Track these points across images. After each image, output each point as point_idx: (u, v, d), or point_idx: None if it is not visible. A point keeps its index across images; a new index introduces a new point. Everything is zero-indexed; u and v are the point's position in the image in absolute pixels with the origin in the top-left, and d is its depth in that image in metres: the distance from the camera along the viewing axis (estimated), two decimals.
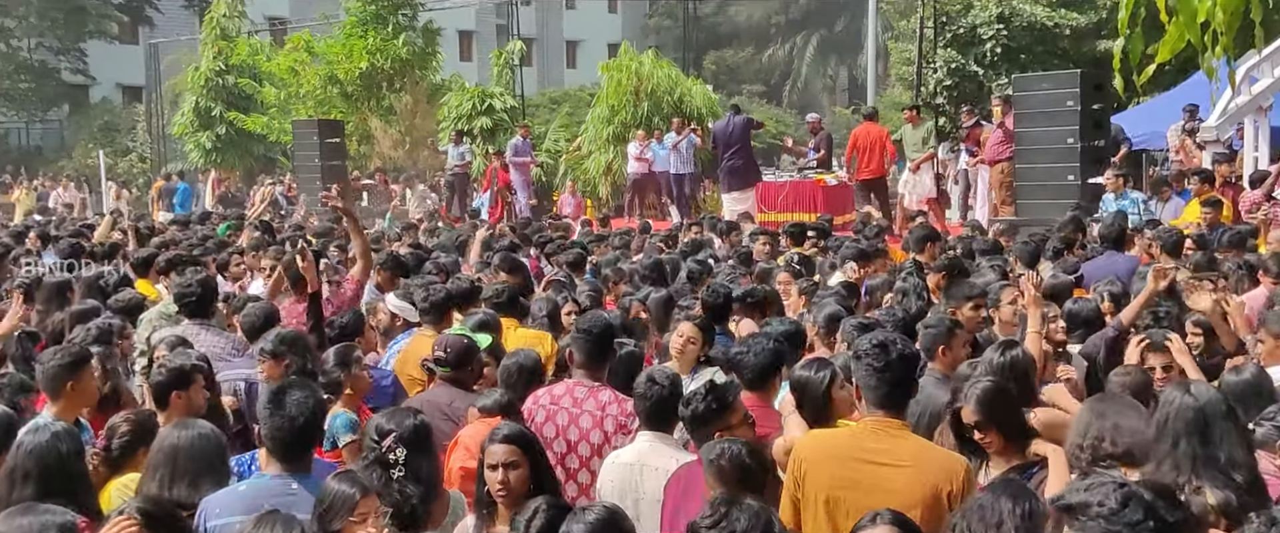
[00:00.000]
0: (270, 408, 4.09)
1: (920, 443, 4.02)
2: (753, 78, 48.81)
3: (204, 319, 6.67)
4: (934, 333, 5.52)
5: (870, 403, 3.97)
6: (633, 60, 22.41)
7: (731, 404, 4.29)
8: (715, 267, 9.37)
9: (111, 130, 36.74)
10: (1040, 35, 22.01)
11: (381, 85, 26.32)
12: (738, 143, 17.05)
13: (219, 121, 29.16)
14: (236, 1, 30.03)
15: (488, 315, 6.48)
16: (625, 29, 51.41)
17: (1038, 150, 13.65)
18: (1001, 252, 9.63)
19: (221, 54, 29.30)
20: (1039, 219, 12.17)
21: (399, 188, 22.70)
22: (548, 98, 33.89)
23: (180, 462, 4.06)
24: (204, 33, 30.54)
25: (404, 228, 14.45)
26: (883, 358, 3.93)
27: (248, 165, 30.10)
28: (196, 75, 29.67)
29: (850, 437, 4.06)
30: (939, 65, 21.77)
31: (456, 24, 44.46)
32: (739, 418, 4.26)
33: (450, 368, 5.47)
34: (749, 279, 8.59)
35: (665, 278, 8.89)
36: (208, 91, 29.37)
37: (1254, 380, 4.67)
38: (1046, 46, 21.97)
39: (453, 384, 5.46)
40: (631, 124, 21.23)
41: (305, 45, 27.17)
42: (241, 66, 29.26)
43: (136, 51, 40.98)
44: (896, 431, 3.92)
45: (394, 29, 26.34)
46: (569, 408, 5.04)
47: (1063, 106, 13.42)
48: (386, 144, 25.55)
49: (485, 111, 24.71)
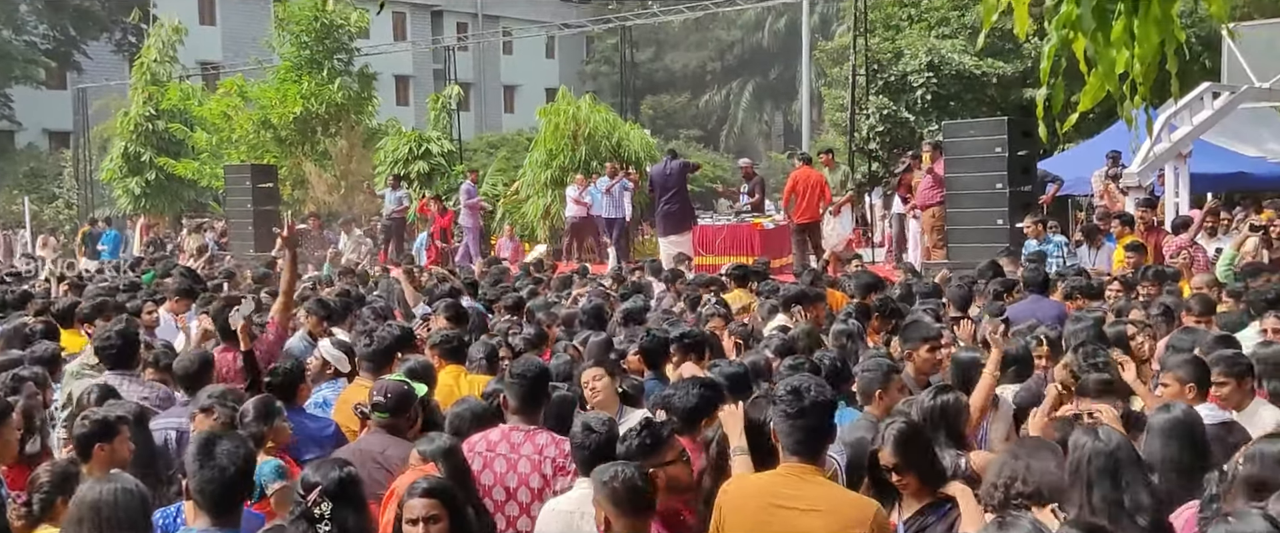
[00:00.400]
0: (200, 459, 4.00)
1: (833, 488, 4.04)
2: (690, 123, 49.26)
3: (126, 370, 6.53)
4: (870, 377, 5.54)
5: (785, 449, 4.00)
6: (570, 105, 22.48)
7: (666, 441, 4.28)
8: (651, 309, 9.39)
9: (37, 176, 36.31)
10: (968, 83, 22.49)
11: (316, 130, 26.13)
12: (674, 187, 17.18)
13: (149, 167, 28.77)
14: (168, 46, 29.72)
15: (420, 364, 6.39)
16: (563, 74, 51.61)
17: (967, 195, 13.89)
18: (940, 295, 9.76)
19: (152, 99, 28.94)
20: (970, 262, 12.36)
21: (334, 233, 22.50)
22: (485, 142, 33.86)
23: (102, 516, 3.95)
24: (134, 77, 30.16)
25: (340, 273, 14.31)
26: (796, 404, 3.96)
27: (178, 211, 29.68)
28: (126, 120, 29.28)
29: (766, 483, 4.06)
30: (871, 111, 22.12)
31: (393, 68, 44.39)
32: (675, 455, 4.25)
33: (388, 414, 5.37)
34: (693, 321, 8.60)
35: (604, 322, 8.90)
36: (137, 136, 28.99)
37: (1185, 419, 4.73)
38: (974, 94, 22.45)
39: (388, 431, 5.35)
40: (569, 168, 21.28)
41: (238, 90, 26.91)
42: (172, 111, 28.87)
43: (64, 96, 40.55)
44: (810, 476, 3.95)
45: (329, 73, 26.23)
46: (506, 454, 4.98)
47: (991, 153, 13.68)
48: (321, 189, 25.31)
49: (422, 156, 24.63)
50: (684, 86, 51.85)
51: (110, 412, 4.98)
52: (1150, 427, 4.64)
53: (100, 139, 34.04)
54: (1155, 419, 4.63)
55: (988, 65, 22.36)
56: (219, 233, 23.08)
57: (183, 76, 31.30)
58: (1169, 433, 4.48)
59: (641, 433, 4.25)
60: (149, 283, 12.81)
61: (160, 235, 25.89)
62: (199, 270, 14.64)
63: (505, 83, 54.45)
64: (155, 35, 29.98)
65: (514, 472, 4.93)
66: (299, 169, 25.67)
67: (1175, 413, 4.60)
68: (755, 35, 50.54)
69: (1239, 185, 17.97)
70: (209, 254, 19.44)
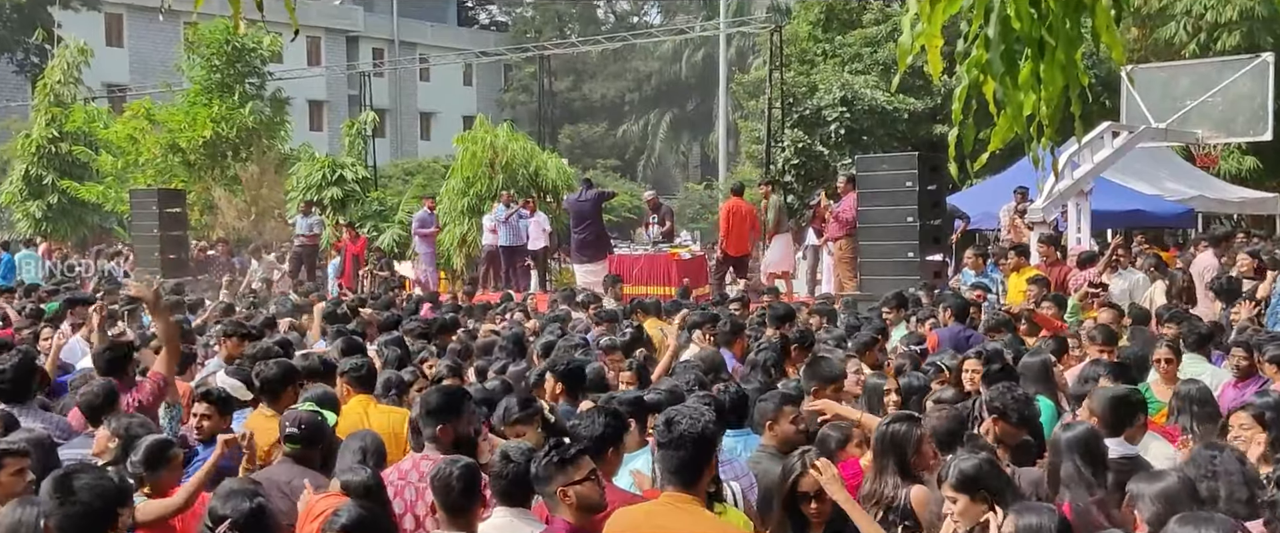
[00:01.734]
0: (59, 496, 3.89)
1: (705, 518, 4.02)
2: (608, 152, 49.38)
3: (21, 403, 6.35)
4: (763, 407, 5.62)
5: (663, 478, 4.03)
6: (488, 133, 22.38)
7: (574, 461, 4.26)
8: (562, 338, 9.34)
9: None
10: (881, 118, 22.91)
11: (226, 154, 25.76)
12: (589, 216, 17.27)
13: (51, 190, 27.98)
14: (72, 67, 28.97)
15: (326, 393, 6.28)
16: (480, 102, 51.48)
17: (879, 228, 14.11)
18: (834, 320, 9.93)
19: (55, 121, 28.21)
20: (881, 294, 12.55)
21: (244, 259, 22.09)
22: (401, 169, 33.59)
23: None
24: (36, 98, 29.34)
25: (252, 303, 14.06)
26: (666, 434, 4.00)
27: (82, 236, 28.87)
28: (27, 142, 28.49)
29: (646, 513, 4.06)
30: (786, 144, 22.42)
31: (307, 93, 43.82)
32: (584, 474, 4.23)
33: (300, 445, 5.31)
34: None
35: (524, 350, 8.86)
36: (39, 159, 28.20)
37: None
38: (886, 129, 22.86)
39: (297, 461, 5.27)
40: (486, 196, 21.16)
41: (146, 113, 26.46)
42: (76, 134, 28.24)
43: None
44: (687, 505, 3.95)
45: (241, 97, 25.89)
46: (415, 482, 4.93)
47: (902, 187, 13.92)
48: (231, 214, 24.94)
49: (336, 182, 24.29)
50: (602, 116, 52.03)
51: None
52: (1053, 441, 4.85)
53: (0, 161, 33.04)
54: (1061, 435, 4.83)
55: (899, 101, 22.80)
56: (124, 257, 22.51)
57: (88, 98, 30.60)
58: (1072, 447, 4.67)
59: (550, 453, 4.25)
60: (51, 313, 12.32)
61: (61, 259, 25.08)
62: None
63: (422, 110, 54.12)
64: (60, 56, 29.29)
65: (422, 500, 4.87)
66: (208, 194, 25.27)
67: (1079, 430, 4.81)
68: (673, 67, 50.96)
69: (1136, 222, 18.50)
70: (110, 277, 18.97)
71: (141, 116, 26.40)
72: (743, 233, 16.27)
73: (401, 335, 9.21)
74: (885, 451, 4.78)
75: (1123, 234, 16.47)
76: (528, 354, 8.77)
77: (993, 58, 2.20)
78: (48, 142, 28.17)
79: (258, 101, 26.28)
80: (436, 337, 9.75)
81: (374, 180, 26.01)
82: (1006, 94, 2.27)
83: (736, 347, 8.71)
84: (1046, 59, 2.21)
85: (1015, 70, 2.25)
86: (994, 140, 2.43)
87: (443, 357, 8.42)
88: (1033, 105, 2.31)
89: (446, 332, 10.18)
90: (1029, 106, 2.30)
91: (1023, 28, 2.16)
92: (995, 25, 2.17)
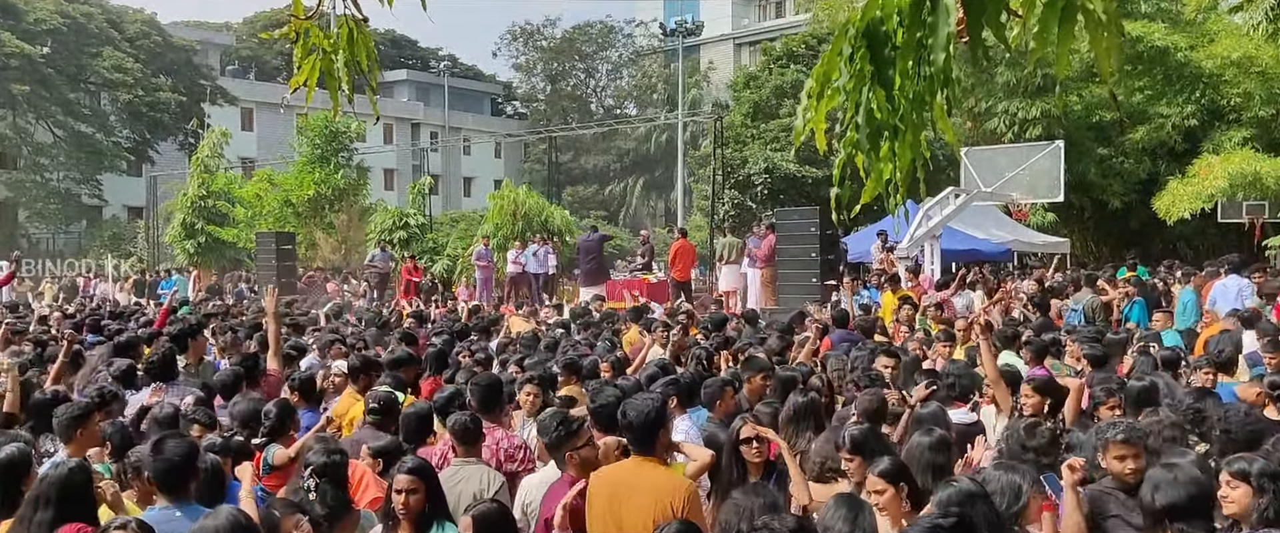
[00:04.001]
0: (152, 454, 3.76)
1: (659, 472, 3.86)
2: (598, 206, 49.30)
3: (168, 380, 6.35)
4: (710, 391, 5.56)
5: (632, 447, 3.92)
6: (512, 192, 22.41)
7: (578, 430, 4.20)
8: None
9: (118, 240, 35.29)
10: (793, 182, 23.05)
11: (324, 207, 25.66)
12: (593, 252, 17.52)
13: (200, 233, 27.73)
14: (217, 146, 28.87)
15: (399, 379, 6.18)
16: (507, 169, 51.43)
17: (791, 260, 14.10)
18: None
19: (204, 184, 28.02)
20: (792, 308, 12.53)
21: (335, 283, 21.92)
22: (449, 218, 33.43)
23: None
24: (192, 168, 29.14)
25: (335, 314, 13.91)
26: (623, 418, 3.91)
27: (221, 266, 28.62)
28: (185, 199, 28.26)
29: (618, 471, 3.94)
30: (726, 201, 22.51)
31: (382, 163, 43.81)
32: (584, 441, 4.17)
33: (379, 415, 5.25)
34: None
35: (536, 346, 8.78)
36: (192, 210, 27.97)
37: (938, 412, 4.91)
38: (797, 190, 22.99)
39: (376, 428, 5.20)
40: (511, 237, 21.13)
41: (267, 177, 26.47)
42: (219, 192, 28.03)
43: (139, 181, 39.60)
44: (645, 464, 3.83)
45: (335, 166, 25.87)
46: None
47: (808, 231, 13.92)
48: (327, 250, 24.84)
49: (402, 227, 24.31)
50: (593, 180, 52.02)
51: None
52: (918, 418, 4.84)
53: (165, 213, 32.88)
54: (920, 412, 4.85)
55: (807, 170, 22.94)
56: (249, 281, 22.28)
57: (227, 168, 30.44)
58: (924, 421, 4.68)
59: (558, 426, 4.20)
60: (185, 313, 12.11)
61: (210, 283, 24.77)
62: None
63: (465, 175, 53.99)
64: (208, 138, 29.12)
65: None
66: (311, 236, 25.15)
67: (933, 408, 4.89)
68: (645, 145, 51.01)
69: (973, 257, 18.46)
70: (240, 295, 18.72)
71: (264, 180, 26.49)
72: (686, 264, 16.33)
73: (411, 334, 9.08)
74: (802, 419, 4.83)
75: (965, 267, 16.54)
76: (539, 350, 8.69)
77: (861, 138, 2.22)
78: (199, 198, 27.94)
79: (347, 169, 26.20)
80: (479, 335, 9.68)
81: (429, 226, 25.96)
82: (871, 164, 2.29)
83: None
84: (899, 140, 2.23)
85: (877, 147, 2.27)
86: (863, 197, 2.44)
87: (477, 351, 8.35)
88: (890, 172, 2.33)
89: (485, 333, 10.08)
90: (887, 173, 2.32)
91: (882, 117, 2.17)
92: (862, 115, 2.19)
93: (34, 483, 3.63)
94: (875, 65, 2.11)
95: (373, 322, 11.80)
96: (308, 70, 2.84)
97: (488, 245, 20.58)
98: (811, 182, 22.99)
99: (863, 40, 2.12)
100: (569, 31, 53.36)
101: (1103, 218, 23.26)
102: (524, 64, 54.44)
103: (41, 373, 6.87)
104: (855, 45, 2.13)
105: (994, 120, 22.06)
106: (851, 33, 2.15)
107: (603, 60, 54.77)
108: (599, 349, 8.18)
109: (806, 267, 13.83)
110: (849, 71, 2.16)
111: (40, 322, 11.70)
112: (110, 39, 37.25)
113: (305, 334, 10.81)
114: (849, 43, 2.15)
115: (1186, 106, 20.91)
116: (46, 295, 23.64)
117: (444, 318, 12.57)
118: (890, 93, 2.12)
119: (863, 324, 9.21)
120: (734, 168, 23.81)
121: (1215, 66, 20.62)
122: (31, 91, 34.75)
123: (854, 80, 2.15)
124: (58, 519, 3.40)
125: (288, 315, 11.69)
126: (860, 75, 2.14)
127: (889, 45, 2.09)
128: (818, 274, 13.70)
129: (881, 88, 2.11)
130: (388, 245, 22.40)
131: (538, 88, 55.75)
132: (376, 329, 10.46)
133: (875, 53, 2.10)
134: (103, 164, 37.61)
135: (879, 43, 2.10)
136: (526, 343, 8.85)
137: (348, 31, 2.84)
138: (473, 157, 53.56)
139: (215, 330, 10.10)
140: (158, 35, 39.62)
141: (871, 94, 2.14)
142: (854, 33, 2.14)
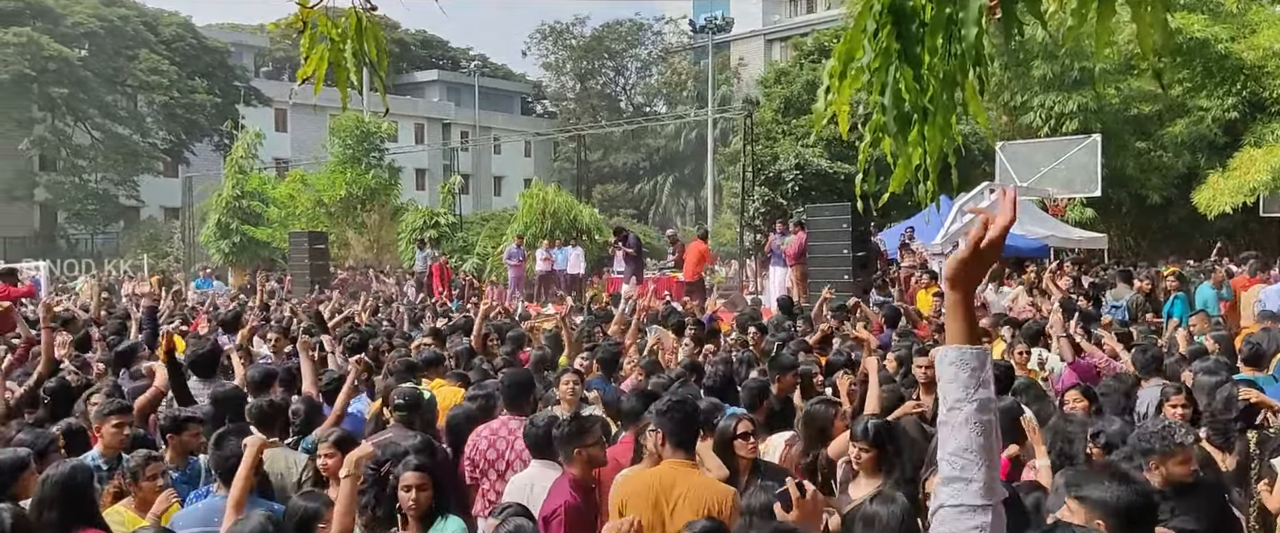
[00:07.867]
0: (214, 451, 3.94)
1: (700, 477, 3.79)
2: (627, 204, 49.28)
3: (207, 378, 6.35)
4: (749, 393, 5.49)
5: (670, 446, 3.81)
6: (542, 190, 22.35)
7: (588, 428, 4.12)
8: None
9: (155, 240, 35.74)
10: (824, 178, 22.74)
11: (356, 207, 25.85)
12: (638, 252, 17.88)
13: (235, 233, 28.04)
14: (251, 147, 29.20)
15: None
16: (537, 168, 51.52)
17: (823, 256, 13.91)
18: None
19: (238, 184, 28.32)
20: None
21: (368, 280, 22.06)
22: (480, 217, 33.48)
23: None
24: (226, 169, 29.48)
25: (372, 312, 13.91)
26: (659, 415, 3.84)
27: (256, 265, 28.93)
28: (219, 199, 28.56)
29: (654, 475, 3.82)
30: (756, 198, 22.30)
31: (413, 163, 43.90)
32: (594, 439, 4.08)
33: (406, 411, 5.20)
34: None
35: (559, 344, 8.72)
36: (227, 211, 28.27)
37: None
38: (829, 186, 22.67)
39: (403, 426, 5.15)
40: (540, 236, 21.11)
41: (300, 178, 26.72)
42: (253, 193, 28.30)
43: (175, 183, 39.93)
44: (684, 468, 3.74)
45: (366, 167, 26.03)
46: (505, 435, 4.95)
47: (840, 228, 13.72)
48: (359, 249, 25.05)
49: (433, 226, 24.40)
50: (623, 178, 51.98)
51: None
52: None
53: (201, 213, 33.35)
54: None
55: (838, 166, 22.65)
56: (283, 281, 22.47)
57: (261, 169, 30.78)
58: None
59: (570, 424, 4.12)
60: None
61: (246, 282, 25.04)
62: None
63: (495, 174, 54.18)
64: (242, 139, 29.44)
65: (511, 448, 4.87)
66: (343, 235, 25.35)
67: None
68: (675, 143, 50.91)
69: (1007, 253, 18.21)
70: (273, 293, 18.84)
71: (298, 181, 26.74)
72: (696, 265, 16.24)
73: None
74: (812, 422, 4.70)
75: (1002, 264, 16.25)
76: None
77: (888, 121, 2.09)
78: (233, 199, 28.22)
79: (378, 170, 26.37)
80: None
81: (460, 225, 26.03)
82: (899, 149, 2.16)
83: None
84: (929, 122, 2.10)
85: (906, 131, 2.14)
86: (892, 185, 2.31)
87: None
88: (920, 158, 2.19)
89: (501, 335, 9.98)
90: (917, 159, 2.18)
91: (910, 98, 2.05)
92: (889, 96, 2.06)
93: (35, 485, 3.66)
94: (902, 42, 1.98)
95: (416, 320, 11.84)
96: (315, 61, 2.77)
97: (520, 245, 20.60)
98: (843, 178, 22.68)
99: (889, 15, 2.00)
100: (598, 30, 53.44)
101: (1141, 213, 22.73)
102: (553, 63, 54.58)
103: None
104: (880, 21, 2.00)
105: (1030, 114, 21.64)
106: (877, 8, 2.02)
107: (632, 58, 54.73)
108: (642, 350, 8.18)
109: (838, 262, 13.63)
110: (874, 49, 2.03)
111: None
112: (146, 42, 37.87)
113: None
114: (874, 19, 2.02)
115: (1227, 99, 20.35)
116: (84, 293, 23.98)
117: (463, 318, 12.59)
118: (918, 72, 1.99)
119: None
120: (764, 164, 23.57)
121: (1257, 58, 20.05)
122: (70, 94, 35.41)
123: (879, 59, 2.02)
124: (63, 520, 3.40)
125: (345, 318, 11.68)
126: (886, 53, 2.01)
127: (917, 20, 1.97)
128: (850, 271, 13.49)
129: (909, 66, 1.99)
130: (426, 245, 22.50)
131: (567, 87, 55.85)
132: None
133: (902, 28, 1.97)
134: (139, 165, 38.26)
135: (906, 18, 1.98)
136: (550, 340, 8.80)
137: (356, 21, 2.76)
138: (503, 156, 53.71)
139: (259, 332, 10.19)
140: (193, 38, 40.22)
141: (898, 73, 2.00)
142: (879, 8, 2.01)
